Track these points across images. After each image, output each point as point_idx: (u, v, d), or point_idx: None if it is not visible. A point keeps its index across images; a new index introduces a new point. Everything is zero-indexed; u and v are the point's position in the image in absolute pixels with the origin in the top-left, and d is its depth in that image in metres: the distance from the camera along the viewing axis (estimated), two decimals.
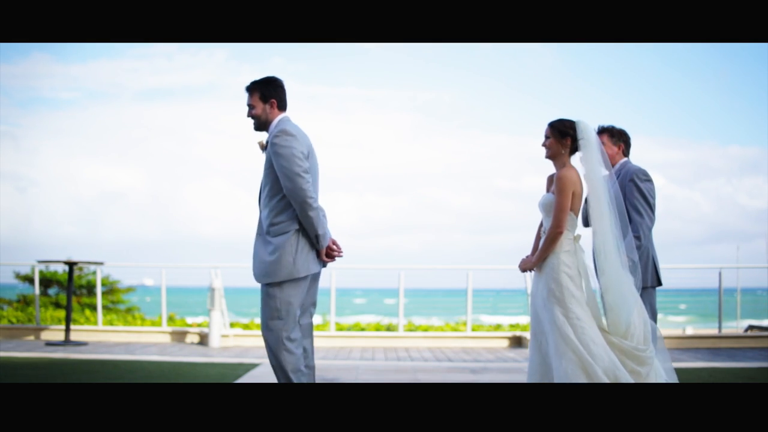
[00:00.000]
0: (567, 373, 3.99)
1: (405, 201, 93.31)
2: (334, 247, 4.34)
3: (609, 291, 4.21)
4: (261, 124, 4.36)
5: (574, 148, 4.33)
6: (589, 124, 4.33)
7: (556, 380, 4.04)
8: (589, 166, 4.30)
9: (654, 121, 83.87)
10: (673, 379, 4.39)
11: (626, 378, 4.00)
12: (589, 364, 3.98)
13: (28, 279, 13.42)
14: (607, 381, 3.97)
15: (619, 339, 4.12)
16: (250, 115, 4.36)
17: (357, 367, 8.02)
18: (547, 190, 4.45)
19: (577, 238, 4.27)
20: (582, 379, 3.97)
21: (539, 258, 4.27)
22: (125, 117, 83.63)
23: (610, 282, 4.22)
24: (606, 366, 4.00)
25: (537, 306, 4.26)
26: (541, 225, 4.45)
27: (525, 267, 4.39)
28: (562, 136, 4.30)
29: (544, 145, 4.36)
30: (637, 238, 4.65)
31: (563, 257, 4.20)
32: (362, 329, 12.17)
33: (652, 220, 4.73)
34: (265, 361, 5.80)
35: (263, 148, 4.33)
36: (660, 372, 4.20)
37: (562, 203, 4.20)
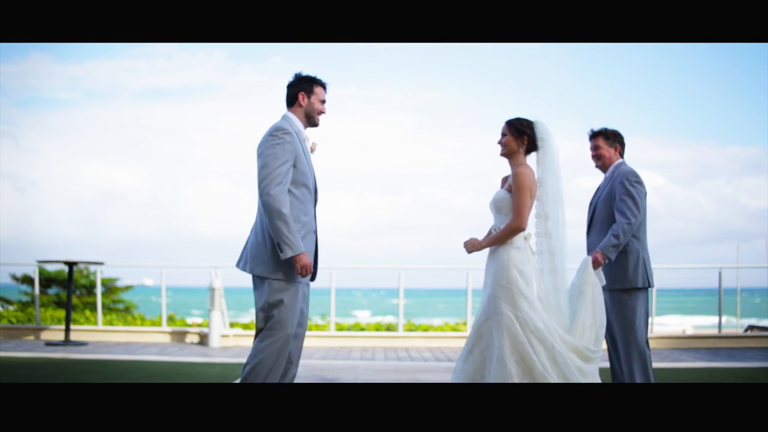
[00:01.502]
0: (512, 375, 3.91)
1: (405, 201, 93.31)
2: None
3: (560, 291, 4.17)
4: None
5: (530, 149, 4.26)
6: (547, 125, 4.26)
7: (494, 381, 3.95)
8: (544, 167, 4.23)
9: (653, 120, 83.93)
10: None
11: (576, 378, 3.95)
12: (533, 363, 3.91)
13: (28, 279, 13.41)
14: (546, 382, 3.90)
15: (573, 338, 4.06)
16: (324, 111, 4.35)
17: (357, 367, 8.02)
18: None
19: (527, 237, 4.19)
20: (527, 380, 3.91)
21: (490, 243, 4.17)
22: (125, 117, 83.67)
23: (563, 282, 4.19)
24: (548, 365, 3.95)
25: (483, 302, 4.17)
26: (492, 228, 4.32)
27: (472, 248, 4.27)
28: (519, 135, 4.23)
29: (500, 142, 4.28)
30: (615, 237, 4.69)
31: (513, 253, 4.11)
32: (362, 329, 12.17)
33: (637, 221, 4.76)
34: None
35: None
36: (596, 374, 4.14)
37: (522, 200, 4.12)
